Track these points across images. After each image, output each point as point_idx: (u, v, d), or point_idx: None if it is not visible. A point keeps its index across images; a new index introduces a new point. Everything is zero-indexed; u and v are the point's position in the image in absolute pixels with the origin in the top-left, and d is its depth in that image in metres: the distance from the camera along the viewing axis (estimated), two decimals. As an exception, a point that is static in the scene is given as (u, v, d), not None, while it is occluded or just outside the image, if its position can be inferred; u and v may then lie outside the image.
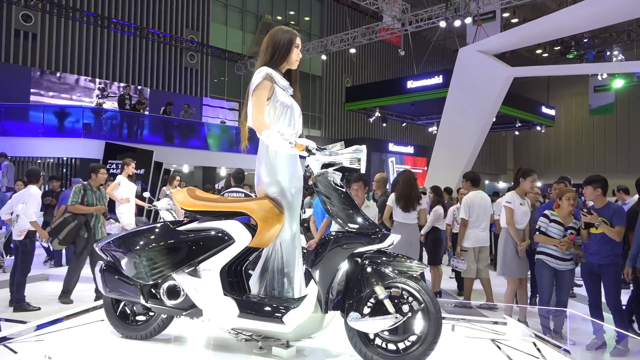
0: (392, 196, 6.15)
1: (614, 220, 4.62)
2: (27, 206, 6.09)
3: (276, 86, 2.88)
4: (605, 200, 4.80)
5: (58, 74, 17.31)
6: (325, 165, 2.79)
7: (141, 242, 2.87)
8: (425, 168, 20.83)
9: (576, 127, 32.04)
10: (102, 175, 6.49)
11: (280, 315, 2.65)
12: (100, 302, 3.40)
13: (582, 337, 4.86)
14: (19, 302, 6.05)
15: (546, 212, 5.05)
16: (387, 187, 7.60)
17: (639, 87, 22.87)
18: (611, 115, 27.38)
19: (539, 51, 24.65)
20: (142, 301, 2.90)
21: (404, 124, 25.14)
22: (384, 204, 6.28)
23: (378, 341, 2.65)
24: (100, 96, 16.96)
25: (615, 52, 19.67)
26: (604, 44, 20.97)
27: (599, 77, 20.90)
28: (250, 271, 3.04)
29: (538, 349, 3.27)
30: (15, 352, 2.77)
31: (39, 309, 6.06)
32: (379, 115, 21.84)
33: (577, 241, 4.91)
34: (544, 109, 23.17)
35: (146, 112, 16.35)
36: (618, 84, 20.65)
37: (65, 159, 14.67)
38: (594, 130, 31.36)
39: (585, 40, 20.67)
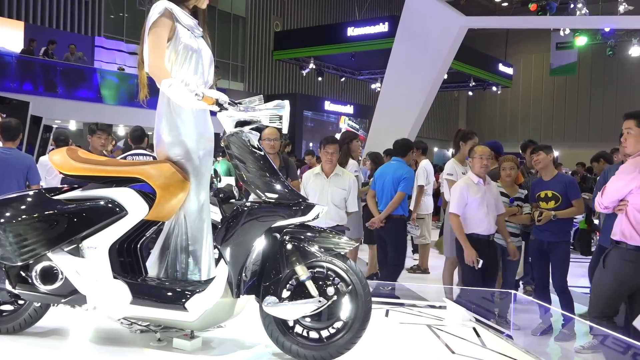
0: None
1: (569, 194, 4.96)
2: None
3: (178, 25, 2.82)
4: (554, 172, 5.13)
5: None
6: (240, 123, 2.79)
7: (7, 214, 2.77)
8: (365, 133, 21.14)
9: (535, 89, 33.62)
10: None
11: (182, 300, 2.66)
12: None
13: (528, 321, 5.22)
14: None
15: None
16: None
17: (602, 47, 24.17)
18: (572, 77, 28.90)
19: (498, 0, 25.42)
20: (8, 287, 2.82)
21: (343, 79, 25.24)
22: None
23: (298, 329, 2.73)
24: None
25: (580, 5, 20.63)
26: (568, -6, 21.92)
27: (562, 33, 21.88)
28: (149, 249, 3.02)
29: (478, 335, 3.49)
30: None
31: None
32: (314, 67, 21.77)
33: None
34: (501, 67, 24.08)
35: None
36: (581, 41, 21.71)
37: None
38: (554, 93, 33.06)
39: (549, -10, 21.50)
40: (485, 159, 4.86)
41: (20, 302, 2.96)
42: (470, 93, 28.44)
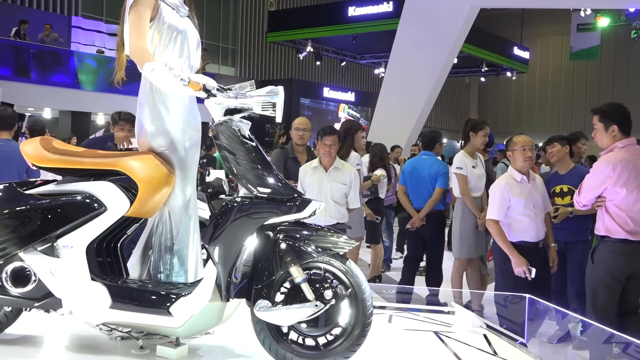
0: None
1: None
2: None
3: (162, 3, 2.83)
4: (571, 164, 5.14)
5: None
6: (230, 111, 2.80)
7: (-26, 210, 2.76)
8: (367, 122, 21.15)
9: (554, 74, 33.62)
10: None
11: (167, 304, 2.66)
12: None
13: (544, 328, 5.24)
14: None
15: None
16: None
17: (627, 29, 24.08)
18: (594, 62, 28.88)
19: (513, -24, 25.40)
20: (-24, 290, 2.80)
21: (344, 63, 25.27)
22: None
23: (293, 335, 2.73)
24: None
25: (602, -17, 20.60)
26: (590, -29, 21.88)
27: (582, 14, 21.84)
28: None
29: (489, 342, 3.50)
30: None
31: None
32: (312, 50, 21.77)
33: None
34: (517, 51, 24.10)
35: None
36: (603, 22, 21.69)
37: None
38: (574, 79, 33.04)
39: (569, -34, 21.46)
40: (528, 150, 4.48)
41: (-11, 306, 2.95)
42: (482, 79, 28.45)
